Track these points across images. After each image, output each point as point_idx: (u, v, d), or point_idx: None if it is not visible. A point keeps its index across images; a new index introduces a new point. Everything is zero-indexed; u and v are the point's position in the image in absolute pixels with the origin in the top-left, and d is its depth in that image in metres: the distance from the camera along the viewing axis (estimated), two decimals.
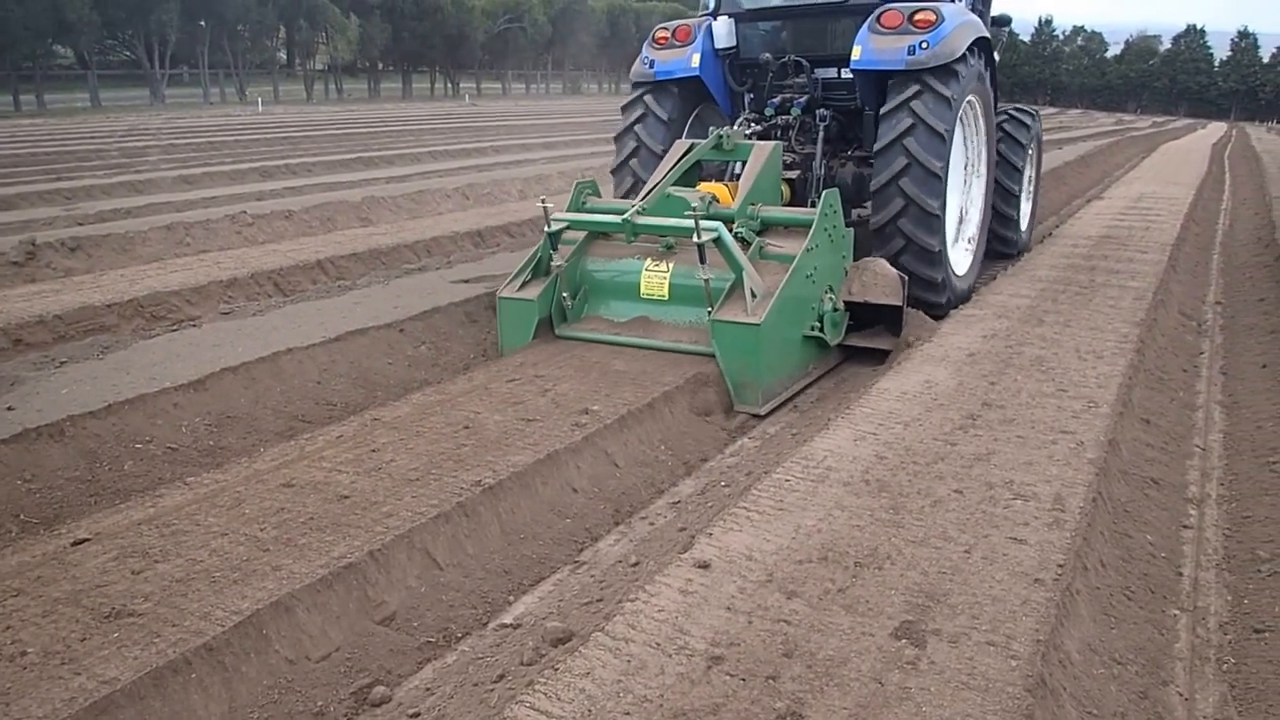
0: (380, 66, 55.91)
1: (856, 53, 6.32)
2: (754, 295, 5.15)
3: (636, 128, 7.15)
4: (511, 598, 3.32)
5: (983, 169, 7.27)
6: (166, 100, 41.73)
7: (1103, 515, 3.54)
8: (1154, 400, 5.04)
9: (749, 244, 5.56)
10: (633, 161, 7.12)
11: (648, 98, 7.18)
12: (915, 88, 6.15)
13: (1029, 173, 8.70)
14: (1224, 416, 5.03)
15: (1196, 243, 10.28)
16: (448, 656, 2.98)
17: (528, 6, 59.36)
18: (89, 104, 39.48)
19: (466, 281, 6.97)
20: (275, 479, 3.79)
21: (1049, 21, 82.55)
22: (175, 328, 5.83)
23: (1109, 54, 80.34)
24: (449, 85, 59.08)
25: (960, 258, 6.90)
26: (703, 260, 5.18)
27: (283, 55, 54.67)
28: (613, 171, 7.34)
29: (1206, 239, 10.78)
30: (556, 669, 2.51)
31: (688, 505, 3.99)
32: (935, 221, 6.16)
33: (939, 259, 6.27)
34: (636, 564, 3.34)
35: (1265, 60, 73.49)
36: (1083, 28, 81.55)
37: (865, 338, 5.97)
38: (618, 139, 7.30)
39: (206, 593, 2.96)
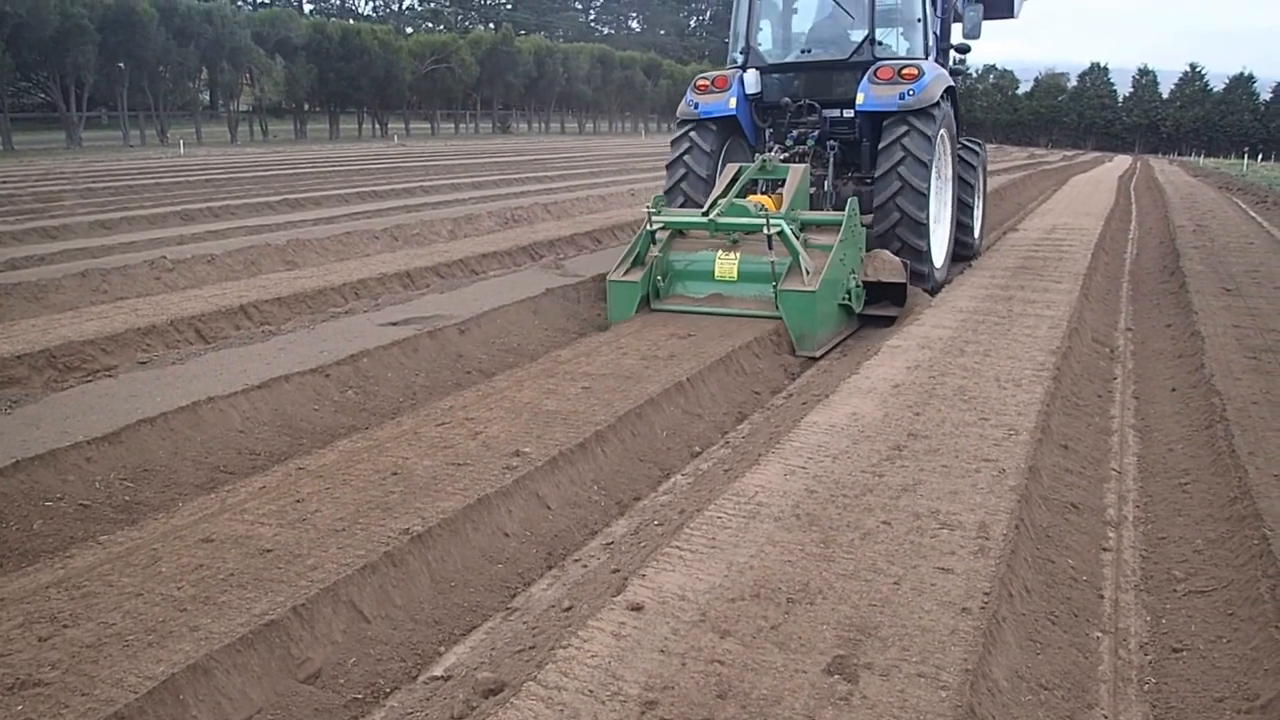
0: (306, 107, 55.20)
1: (860, 98, 8.30)
2: (808, 272, 7.02)
3: (685, 156, 9.02)
4: (442, 648, 3.25)
5: (950, 187, 9.38)
6: (84, 143, 40.52)
7: (1026, 541, 3.62)
8: (1071, 426, 5.19)
9: (796, 238, 7.24)
10: (683, 183, 8.99)
11: (693, 133, 9.05)
12: (904, 128, 8.07)
13: (980, 191, 10.86)
14: (1137, 440, 5.20)
15: (1107, 272, 10.68)
16: (375, 713, 2.90)
17: (455, 47, 59.41)
18: (1, 148, 38.24)
19: (395, 324, 6.89)
20: (194, 534, 3.66)
21: (962, 60, 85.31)
22: (89, 378, 5.63)
23: (1020, 90, 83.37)
24: (377, 125, 58.62)
25: (938, 254, 8.78)
26: (770, 247, 7.06)
27: (205, 97, 53.72)
28: (666, 191, 9.06)
29: (1116, 268, 11.21)
30: None
31: (621, 546, 3.96)
32: (922, 228, 8.12)
33: (926, 256, 8.26)
34: (569, 608, 3.30)
35: (1164, 96, 77.09)
36: (994, 66, 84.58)
37: (877, 308, 7.91)
38: (670, 165, 9.20)
39: (119, 658, 2.83)
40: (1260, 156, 57.18)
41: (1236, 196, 22.88)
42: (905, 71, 8.13)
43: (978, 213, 10.69)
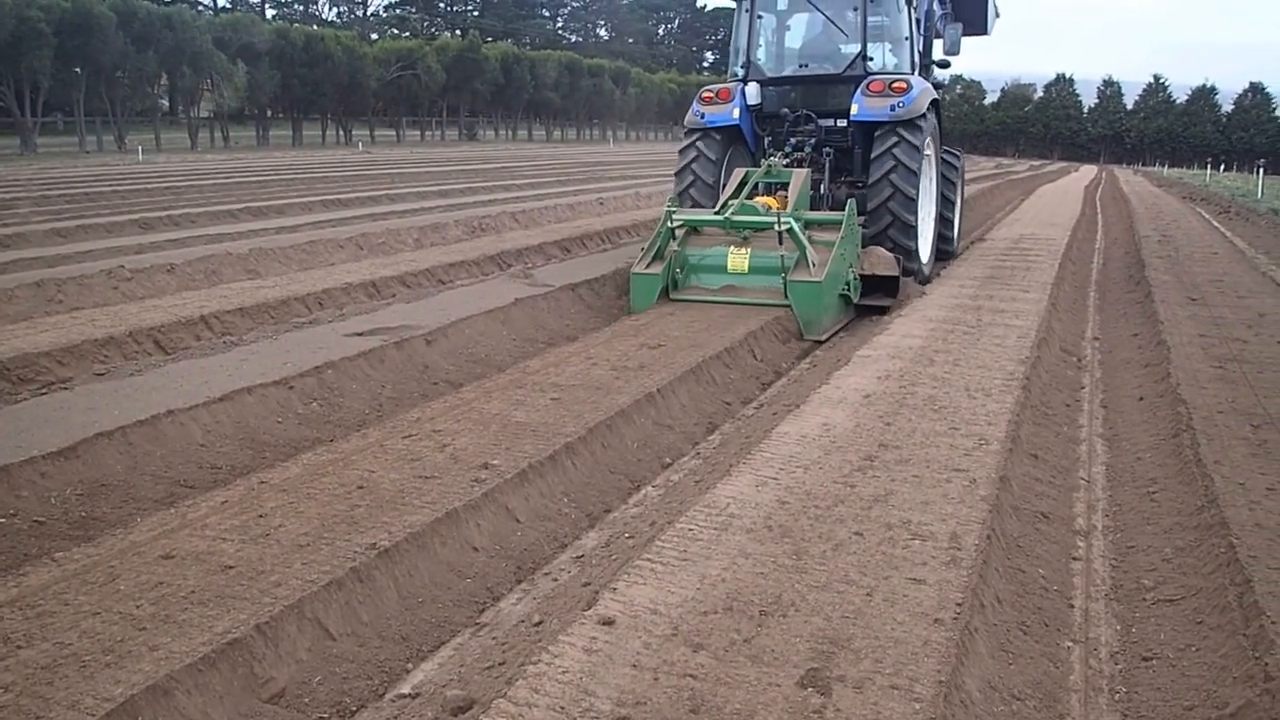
0: (269, 114, 54.52)
1: (854, 109, 9.10)
2: (814, 265, 7.85)
3: (692, 162, 9.79)
4: (410, 665, 3.18)
5: (934, 191, 10.19)
6: (39, 149, 39.71)
7: (997, 552, 3.63)
8: (1040, 435, 5.22)
9: (803, 235, 7.99)
10: (691, 187, 9.74)
11: (699, 141, 9.80)
12: (895, 138, 8.87)
13: (959, 195, 11.79)
14: (1106, 449, 5.24)
15: (1074, 281, 10.81)
16: None
17: (421, 54, 59.05)
18: None
19: (360, 334, 6.80)
20: (153, 551, 3.57)
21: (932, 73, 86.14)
22: (44, 391, 5.49)
23: (986, 101, 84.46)
24: (341, 132, 58.07)
25: (924, 248, 9.64)
26: (781, 243, 7.85)
27: (165, 102, 52.94)
28: (677, 174, 9.92)
29: (1083, 278, 11.35)
30: None
31: (591, 559, 3.92)
32: (912, 205, 8.93)
33: (915, 234, 9.06)
34: (539, 623, 3.25)
35: (1129, 107, 78.46)
36: (961, 76, 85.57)
37: (873, 298, 8.69)
38: (678, 169, 9.94)
39: (75, 679, 2.74)
40: (1223, 167, 58.35)
41: (1200, 207, 23.32)
42: (895, 85, 8.95)
43: (957, 215, 11.63)
